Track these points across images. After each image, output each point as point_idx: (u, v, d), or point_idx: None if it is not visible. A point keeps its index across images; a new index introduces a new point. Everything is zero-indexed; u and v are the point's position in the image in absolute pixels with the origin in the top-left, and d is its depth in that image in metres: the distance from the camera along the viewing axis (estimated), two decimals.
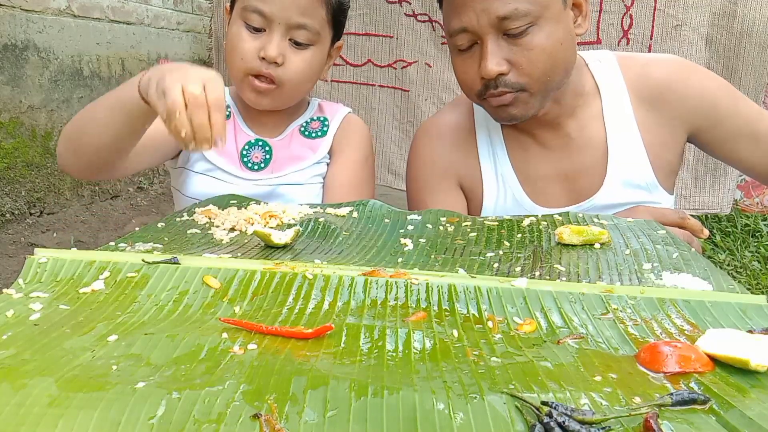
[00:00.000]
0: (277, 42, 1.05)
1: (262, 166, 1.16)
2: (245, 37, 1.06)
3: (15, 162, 2.91)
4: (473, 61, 0.97)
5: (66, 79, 3.23)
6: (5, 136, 2.91)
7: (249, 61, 1.06)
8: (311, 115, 1.22)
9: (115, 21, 3.57)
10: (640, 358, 0.50)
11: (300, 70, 1.08)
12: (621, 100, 1.07)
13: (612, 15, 1.76)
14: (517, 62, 0.94)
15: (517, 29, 0.91)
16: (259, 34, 1.06)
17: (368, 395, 0.43)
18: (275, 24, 1.04)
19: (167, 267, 0.66)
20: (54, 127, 3.19)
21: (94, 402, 0.41)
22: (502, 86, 0.95)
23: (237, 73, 1.10)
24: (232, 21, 1.10)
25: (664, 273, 0.69)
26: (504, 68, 0.94)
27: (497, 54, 0.93)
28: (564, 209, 1.05)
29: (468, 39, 0.96)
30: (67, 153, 1.02)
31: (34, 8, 2.99)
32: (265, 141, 1.17)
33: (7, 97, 2.93)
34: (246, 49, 1.06)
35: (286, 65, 1.07)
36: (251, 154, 1.16)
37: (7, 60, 2.90)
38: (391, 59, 2.02)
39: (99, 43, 3.46)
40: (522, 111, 0.99)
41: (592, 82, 1.08)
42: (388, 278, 0.64)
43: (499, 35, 0.93)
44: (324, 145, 1.18)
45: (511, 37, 0.93)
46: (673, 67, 1.08)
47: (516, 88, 0.95)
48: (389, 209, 0.97)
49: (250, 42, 1.06)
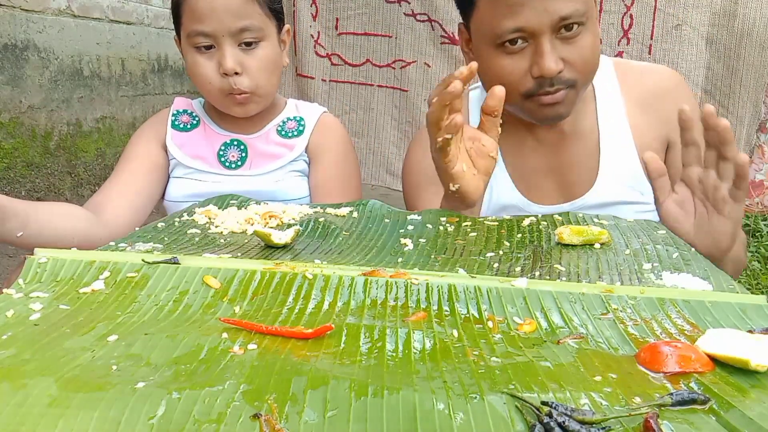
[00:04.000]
0: (230, 53, 1.10)
1: (239, 164, 1.21)
2: (201, 61, 1.12)
3: (15, 162, 2.91)
4: (524, 60, 0.97)
5: (66, 79, 3.23)
6: (5, 136, 2.91)
7: (217, 82, 1.12)
8: (288, 114, 1.27)
9: (115, 21, 3.56)
10: (640, 358, 0.50)
11: (261, 68, 1.13)
12: (615, 102, 1.09)
13: (612, 15, 1.76)
14: (570, 60, 0.96)
15: (570, 29, 0.94)
16: (211, 51, 1.11)
17: (368, 395, 0.43)
18: (220, 37, 1.09)
19: (167, 267, 0.66)
20: (54, 127, 3.19)
21: (94, 402, 0.41)
22: (558, 84, 0.97)
23: (214, 97, 1.16)
24: (184, 51, 1.16)
25: (664, 273, 0.69)
26: (561, 66, 0.95)
27: (554, 53, 0.95)
28: (557, 207, 1.06)
29: (521, 37, 0.96)
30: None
31: (34, 8, 2.99)
32: (240, 140, 1.22)
33: (7, 97, 2.93)
34: (207, 73, 1.12)
35: (247, 71, 1.12)
36: (228, 154, 1.21)
37: (7, 60, 2.90)
38: (390, 59, 2.02)
39: (99, 43, 3.46)
40: (568, 108, 1.02)
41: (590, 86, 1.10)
42: (388, 278, 0.64)
43: (553, 35, 0.95)
44: (300, 143, 1.23)
45: (564, 37, 0.95)
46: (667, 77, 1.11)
47: (568, 84, 0.98)
48: (389, 209, 0.97)
49: (207, 64, 1.11)
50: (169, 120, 1.24)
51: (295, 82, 2.11)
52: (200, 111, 1.27)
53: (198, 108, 1.28)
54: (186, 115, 1.25)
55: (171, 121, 1.24)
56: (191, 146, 1.22)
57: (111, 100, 3.63)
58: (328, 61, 2.07)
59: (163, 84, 4.09)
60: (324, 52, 2.07)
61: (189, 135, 1.23)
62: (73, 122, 3.38)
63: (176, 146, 1.21)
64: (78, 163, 3.42)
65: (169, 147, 1.21)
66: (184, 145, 1.22)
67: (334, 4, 2.03)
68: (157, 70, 4.03)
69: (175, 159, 1.21)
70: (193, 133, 1.23)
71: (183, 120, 1.25)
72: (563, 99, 0.99)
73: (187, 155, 1.21)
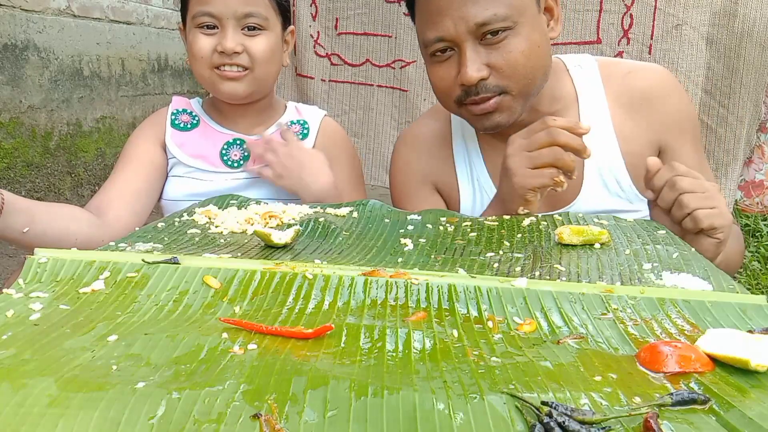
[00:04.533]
0: (231, 35, 1.12)
1: (241, 162, 1.22)
2: (201, 38, 1.14)
3: (15, 162, 2.91)
4: (451, 68, 0.97)
5: (66, 79, 3.23)
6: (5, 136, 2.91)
7: (209, 56, 1.14)
8: (290, 118, 1.29)
9: (115, 21, 3.56)
10: (640, 358, 0.50)
11: (262, 50, 1.15)
12: (599, 106, 1.05)
13: (612, 15, 1.76)
14: (496, 66, 0.94)
15: (496, 34, 0.92)
16: (213, 31, 1.13)
17: (368, 395, 0.43)
18: (225, 20, 1.12)
19: (167, 267, 0.66)
20: (54, 127, 3.19)
21: (94, 402, 0.41)
22: (483, 91, 0.95)
23: (203, 71, 1.16)
24: (188, 32, 1.18)
25: (664, 273, 0.69)
26: (484, 73, 0.94)
27: (476, 60, 0.93)
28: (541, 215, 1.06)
29: (445, 47, 0.96)
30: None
31: (34, 8, 2.99)
32: (242, 140, 1.23)
33: (7, 97, 2.92)
34: (204, 47, 1.14)
35: (248, 50, 1.14)
36: (230, 153, 1.23)
37: (7, 60, 2.89)
38: (390, 59, 2.02)
39: (99, 43, 3.45)
40: (506, 117, 0.99)
41: (571, 87, 1.07)
42: (388, 278, 0.64)
43: (476, 41, 0.93)
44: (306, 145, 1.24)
45: (490, 43, 0.93)
46: (656, 79, 1.07)
47: (497, 91, 0.96)
48: (389, 209, 0.97)
49: (207, 40, 1.14)
50: (168, 119, 1.24)
51: (295, 82, 2.11)
52: (199, 110, 1.28)
53: (197, 107, 1.28)
54: (185, 114, 1.26)
55: (170, 120, 1.24)
56: (192, 145, 1.22)
57: (111, 100, 3.63)
58: (327, 61, 2.07)
59: (163, 84, 4.09)
60: (324, 52, 2.07)
61: (189, 134, 1.23)
62: (73, 122, 3.38)
63: (176, 145, 1.22)
64: (78, 163, 3.42)
65: (169, 146, 1.21)
66: (184, 144, 1.22)
67: (333, 3, 2.03)
68: (157, 70, 4.03)
69: (175, 158, 1.21)
70: (193, 132, 1.24)
71: (183, 119, 1.25)
72: (497, 107, 0.97)
73: (187, 154, 1.21)
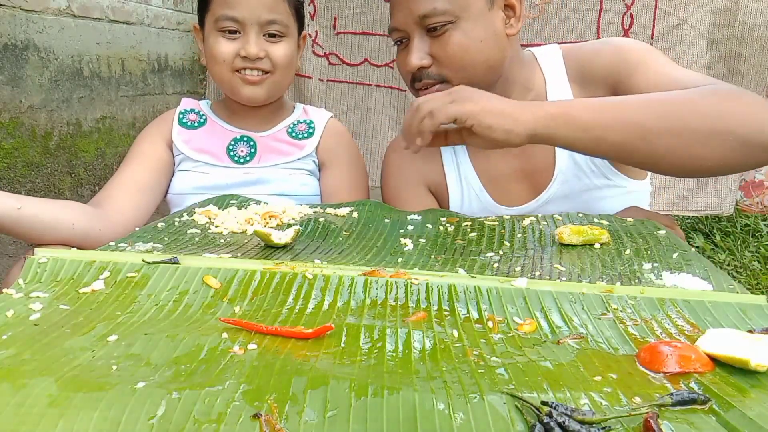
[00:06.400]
0: (254, 40, 1.13)
1: (248, 158, 1.23)
2: (223, 42, 1.15)
3: (15, 162, 2.91)
4: (406, 56, 1.04)
5: (66, 79, 3.23)
6: (5, 136, 2.91)
7: (231, 60, 1.15)
8: (298, 118, 1.30)
9: (115, 21, 3.56)
10: (640, 358, 0.50)
11: (283, 55, 1.17)
12: (563, 89, 1.09)
13: (612, 14, 1.76)
14: (437, 56, 1.01)
15: (436, 27, 0.98)
16: (235, 36, 1.14)
17: (368, 395, 0.43)
18: (248, 26, 1.13)
19: (167, 267, 0.66)
20: (54, 127, 3.19)
21: (94, 402, 0.41)
22: (425, 78, 1.02)
23: (223, 74, 1.17)
24: (207, 35, 1.18)
25: (664, 273, 0.69)
26: (425, 62, 1.01)
27: (420, 49, 1.00)
28: (524, 207, 1.08)
29: (401, 36, 1.04)
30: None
31: (34, 8, 2.99)
32: (249, 137, 1.24)
33: (7, 97, 2.92)
34: (226, 51, 1.14)
35: (270, 56, 1.15)
36: (237, 149, 1.24)
37: (7, 60, 2.89)
38: (389, 58, 2.02)
39: (99, 43, 3.45)
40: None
41: (541, 77, 1.10)
42: (388, 278, 0.64)
43: (423, 32, 1.00)
44: (310, 144, 1.25)
45: (433, 35, 1.00)
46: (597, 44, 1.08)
47: (438, 79, 1.02)
48: (389, 209, 0.98)
49: (229, 45, 1.14)
50: (175, 118, 1.26)
51: (292, 82, 2.12)
52: (207, 110, 1.29)
53: (205, 108, 1.30)
54: (193, 113, 1.27)
55: (178, 119, 1.26)
56: (198, 141, 1.23)
57: (111, 100, 3.63)
58: (325, 60, 2.07)
59: (163, 84, 4.09)
60: (322, 52, 2.07)
61: (196, 132, 1.24)
62: (73, 122, 3.38)
63: (183, 142, 1.22)
64: (78, 163, 3.42)
65: (176, 142, 1.22)
66: (191, 140, 1.23)
67: (332, 3, 2.02)
68: (157, 70, 4.03)
69: (182, 154, 1.21)
70: (200, 130, 1.25)
71: (190, 118, 1.26)
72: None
73: (193, 149, 1.22)
